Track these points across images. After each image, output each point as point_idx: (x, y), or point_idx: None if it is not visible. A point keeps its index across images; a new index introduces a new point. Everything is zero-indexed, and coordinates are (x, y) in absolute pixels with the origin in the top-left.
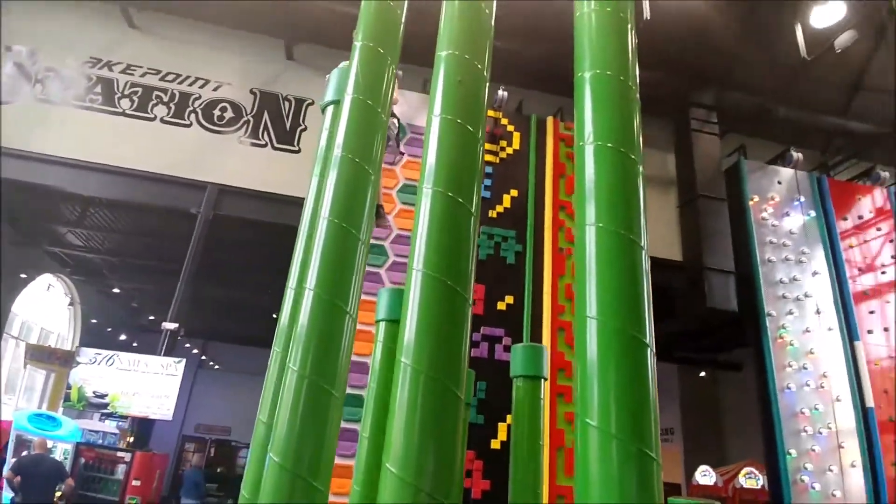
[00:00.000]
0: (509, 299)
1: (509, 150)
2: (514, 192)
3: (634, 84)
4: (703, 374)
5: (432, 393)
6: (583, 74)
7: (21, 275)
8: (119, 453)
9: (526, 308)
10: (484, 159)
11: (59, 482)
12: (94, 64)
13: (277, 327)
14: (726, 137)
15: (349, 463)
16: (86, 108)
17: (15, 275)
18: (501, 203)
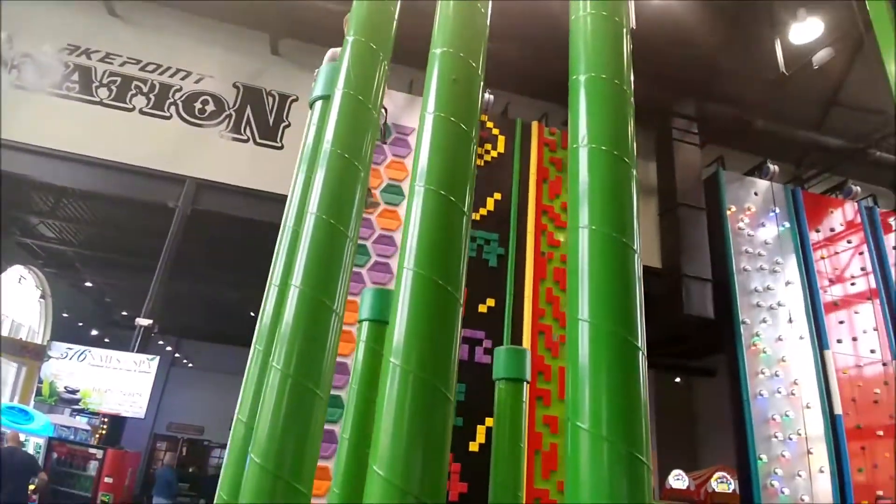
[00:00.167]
0: (490, 302)
1: (494, 154)
2: (498, 196)
3: (629, 88)
4: (678, 380)
5: (421, 393)
6: (578, 77)
7: None
8: (91, 450)
9: (507, 311)
10: (476, 159)
11: (33, 476)
12: (72, 51)
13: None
14: (706, 148)
15: (326, 464)
16: (62, 97)
17: None
18: (485, 206)
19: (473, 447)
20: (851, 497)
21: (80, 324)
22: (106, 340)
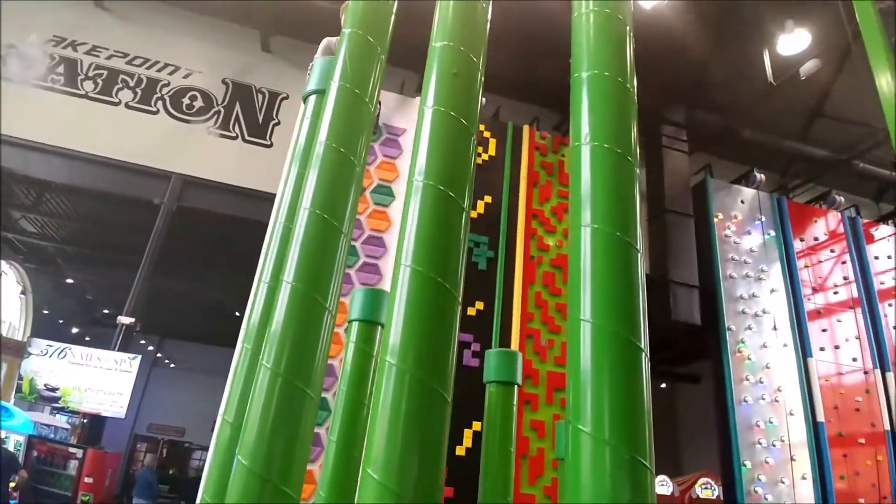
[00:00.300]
0: (479, 305)
1: (485, 157)
2: (488, 199)
3: (632, 86)
4: (664, 386)
5: (418, 394)
6: (580, 75)
7: None
8: (71, 449)
9: (496, 314)
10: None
11: (13, 473)
12: (58, 43)
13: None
14: (694, 156)
15: (310, 468)
16: (46, 89)
17: None
18: (475, 208)
19: (460, 451)
20: None
21: (61, 321)
22: (87, 338)
